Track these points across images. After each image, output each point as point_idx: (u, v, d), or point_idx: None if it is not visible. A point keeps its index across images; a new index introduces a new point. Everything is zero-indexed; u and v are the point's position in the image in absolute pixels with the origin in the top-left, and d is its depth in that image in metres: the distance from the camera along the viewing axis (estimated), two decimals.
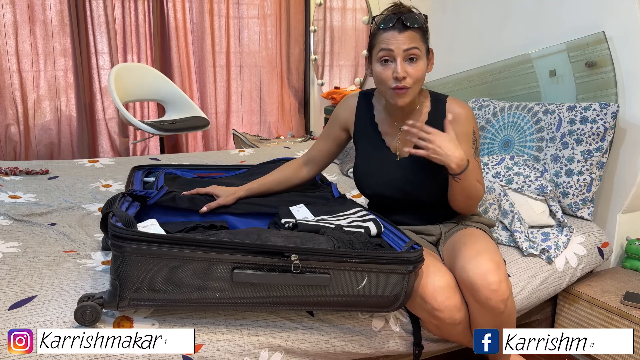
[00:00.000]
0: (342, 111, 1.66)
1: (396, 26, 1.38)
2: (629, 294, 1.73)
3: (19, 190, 2.08)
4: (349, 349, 1.40)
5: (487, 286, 1.31)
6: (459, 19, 2.69)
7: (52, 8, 3.70)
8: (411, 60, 1.39)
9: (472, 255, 1.38)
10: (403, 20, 1.37)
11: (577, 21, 2.10)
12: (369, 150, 1.59)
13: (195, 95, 4.22)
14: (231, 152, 2.88)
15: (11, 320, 1.17)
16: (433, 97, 1.54)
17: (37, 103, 3.77)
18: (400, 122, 1.53)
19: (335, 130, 1.67)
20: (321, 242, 1.28)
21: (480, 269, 1.33)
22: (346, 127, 1.65)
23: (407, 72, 1.38)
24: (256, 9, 4.31)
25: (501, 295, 1.32)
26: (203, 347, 1.23)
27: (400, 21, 1.37)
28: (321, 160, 1.70)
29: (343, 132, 1.66)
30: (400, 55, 1.38)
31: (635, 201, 1.98)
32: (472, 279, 1.33)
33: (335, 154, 1.71)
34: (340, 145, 1.69)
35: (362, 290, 1.27)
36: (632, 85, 1.93)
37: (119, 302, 1.16)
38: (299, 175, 1.70)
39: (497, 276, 1.32)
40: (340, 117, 1.66)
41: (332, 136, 1.67)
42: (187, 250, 1.15)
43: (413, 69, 1.39)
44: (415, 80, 1.40)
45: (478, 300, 1.34)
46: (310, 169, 1.71)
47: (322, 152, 1.69)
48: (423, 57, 1.40)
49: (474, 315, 1.40)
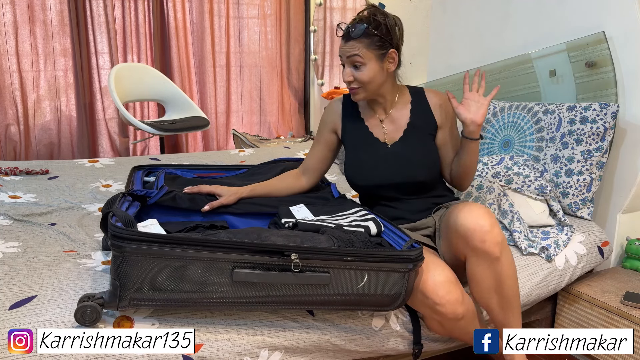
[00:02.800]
0: (328, 115, 1.75)
1: (345, 36, 1.55)
2: (629, 294, 1.73)
3: (19, 190, 2.08)
4: (349, 348, 1.40)
5: (479, 229, 1.36)
6: (459, 19, 2.69)
7: (52, 8, 3.70)
8: (355, 67, 1.55)
9: (464, 207, 1.43)
10: (350, 30, 1.52)
11: (577, 21, 2.10)
12: (359, 144, 1.67)
13: (195, 95, 4.22)
14: (231, 152, 2.88)
15: (11, 320, 1.17)
16: (411, 90, 1.70)
17: (37, 103, 3.77)
18: (381, 115, 1.67)
19: (325, 134, 1.74)
20: (321, 241, 1.28)
21: (472, 215, 1.39)
22: (334, 128, 1.73)
23: (354, 76, 1.55)
24: (256, 9, 4.31)
25: (495, 236, 1.36)
26: (203, 347, 1.23)
27: (348, 32, 1.53)
28: (317, 167, 1.75)
29: (332, 135, 1.74)
30: (347, 62, 1.56)
31: (635, 201, 1.98)
32: (466, 225, 1.38)
33: (330, 159, 1.76)
34: (332, 150, 1.75)
35: (363, 288, 1.27)
36: (632, 85, 1.93)
37: (119, 302, 1.16)
38: (299, 184, 1.75)
39: (489, 220, 1.38)
40: (327, 120, 1.74)
41: (323, 140, 1.75)
42: (187, 250, 1.15)
43: (358, 74, 1.55)
44: (362, 83, 1.56)
45: (473, 245, 1.37)
46: (309, 177, 1.75)
47: (316, 159, 1.75)
48: (369, 62, 1.53)
49: (472, 271, 1.42)
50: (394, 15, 1.58)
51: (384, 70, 1.57)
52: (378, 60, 1.54)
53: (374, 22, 1.52)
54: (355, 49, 1.52)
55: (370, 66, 1.54)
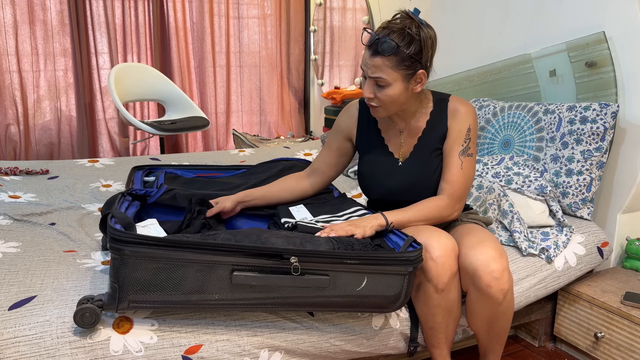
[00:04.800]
0: (343, 120, 1.64)
1: (370, 47, 1.38)
2: (629, 294, 1.73)
3: (19, 190, 2.08)
4: (348, 348, 1.40)
5: (489, 273, 1.32)
6: (459, 19, 2.69)
7: (52, 8, 3.70)
8: (379, 86, 1.41)
9: (475, 243, 1.39)
10: (377, 43, 1.36)
11: (577, 21, 2.10)
12: (373, 155, 1.59)
13: (195, 95, 4.22)
14: (231, 152, 2.88)
15: (11, 320, 1.17)
16: (436, 97, 1.55)
17: (37, 103, 3.77)
18: (401, 126, 1.55)
19: (338, 140, 1.64)
20: (320, 243, 1.28)
21: (483, 256, 1.34)
22: (349, 135, 1.63)
23: (375, 94, 1.42)
24: (256, 9, 4.31)
25: (502, 284, 1.33)
26: (203, 348, 1.23)
27: (375, 44, 1.36)
28: (325, 171, 1.65)
29: (347, 142, 1.64)
30: (369, 78, 1.41)
31: (635, 201, 1.98)
32: (475, 265, 1.34)
33: (342, 165, 1.66)
34: (345, 155, 1.65)
35: (362, 291, 1.27)
36: (632, 85, 1.93)
37: (118, 304, 1.16)
38: (300, 186, 1.64)
39: (500, 264, 1.34)
40: (342, 125, 1.64)
41: (335, 146, 1.64)
42: (186, 253, 1.15)
43: (380, 93, 1.41)
44: (384, 103, 1.42)
45: (479, 287, 1.35)
46: (314, 180, 1.65)
47: (325, 164, 1.65)
48: (394, 83, 1.39)
49: (471, 303, 1.41)
50: (429, 27, 1.40)
51: (409, 90, 1.43)
52: (404, 80, 1.40)
53: (407, 38, 1.35)
54: (380, 69, 1.37)
55: (395, 86, 1.40)
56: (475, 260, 1.35)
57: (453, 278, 1.37)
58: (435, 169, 1.52)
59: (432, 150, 1.52)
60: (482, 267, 1.34)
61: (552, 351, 1.93)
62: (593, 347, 1.78)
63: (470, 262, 1.36)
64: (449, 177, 1.49)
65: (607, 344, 1.73)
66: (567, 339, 1.87)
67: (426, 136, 1.53)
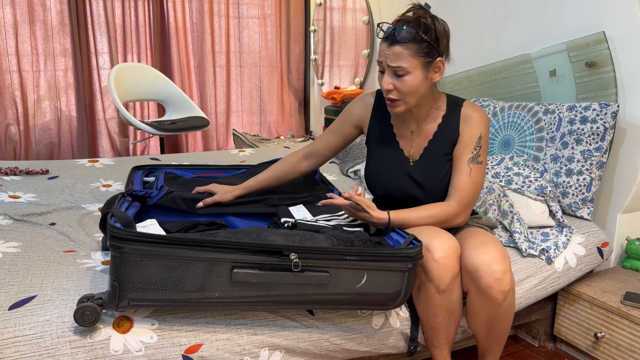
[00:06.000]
0: (357, 108, 1.64)
1: (388, 38, 1.38)
2: (629, 294, 1.73)
3: (19, 190, 2.08)
4: (349, 347, 1.40)
5: (491, 274, 1.33)
6: (459, 19, 2.69)
7: (52, 8, 3.70)
8: (398, 76, 1.40)
9: (478, 244, 1.39)
10: (395, 33, 1.36)
11: (577, 21, 2.10)
12: (383, 151, 1.58)
13: (195, 95, 4.22)
14: (231, 152, 2.88)
15: (11, 320, 1.17)
16: (450, 100, 1.54)
17: (37, 103, 3.77)
18: (413, 127, 1.55)
19: (347, 127, 1.65)
20: (320, 241, 1.28)
21: (486, 256, 1.34)
22: (360, 125, 1.64)
23: (394, 85, 1.40)
24: (256, 9, 4.31)
25: (504, 285, 1.33)
26: (203, 347, 1.23)
27: (393, 34, 1.37)
28: (326, 154, 1.68)
29: (355, 130, 1.65)
30: (388, 69, 1.40)
31: (635, 201, 1.98)
32: (477, 265, 1.34)
33: (341, 149, 1.69)
34: (348, 142, 1.68)
35: (362, 288, 1.27)
36: (632, 85, 1.93)
37: (119, 302, 1.16)
38: (298, 168, 1.68)
39: (502, 266, 1.34)
40: (354, 113, 1.64)
41: (343, 132, 1.65)
42: (186, 250, 1.15)
43: (400, 83, 1.40)
44: (404, 93, 1.41)
45: (479, 287, 1.35)
46: (312, 162, 1.68)
47: (328, 147, 1.67)
48: (413, 71, 1.38)
49: (471, 304, 1.42)
50: (442, 20, 1.43)
51: (428, 80, 1.42)
52: (423, 69, 1.39)
53: (423, 26, 1.36)
54: (400, 57, 1.36)
55: (415, 75, 1.39)
56: (477, 260, 1.35)
57: (455, 279, 1.37)
58: (445, 173, 1.51)
59: (443, 155, 1.52)
60: (484, 268, 1.34)
61: (552, 351, 1.93)
62: (593, 347, 1.78)
63: (472, 262, 1.36)
64: (457, 183, 1.48)
65: (607, 344, 1.73)
66: (567, 339, 1.87)
67: (437, 140, 1.53)
